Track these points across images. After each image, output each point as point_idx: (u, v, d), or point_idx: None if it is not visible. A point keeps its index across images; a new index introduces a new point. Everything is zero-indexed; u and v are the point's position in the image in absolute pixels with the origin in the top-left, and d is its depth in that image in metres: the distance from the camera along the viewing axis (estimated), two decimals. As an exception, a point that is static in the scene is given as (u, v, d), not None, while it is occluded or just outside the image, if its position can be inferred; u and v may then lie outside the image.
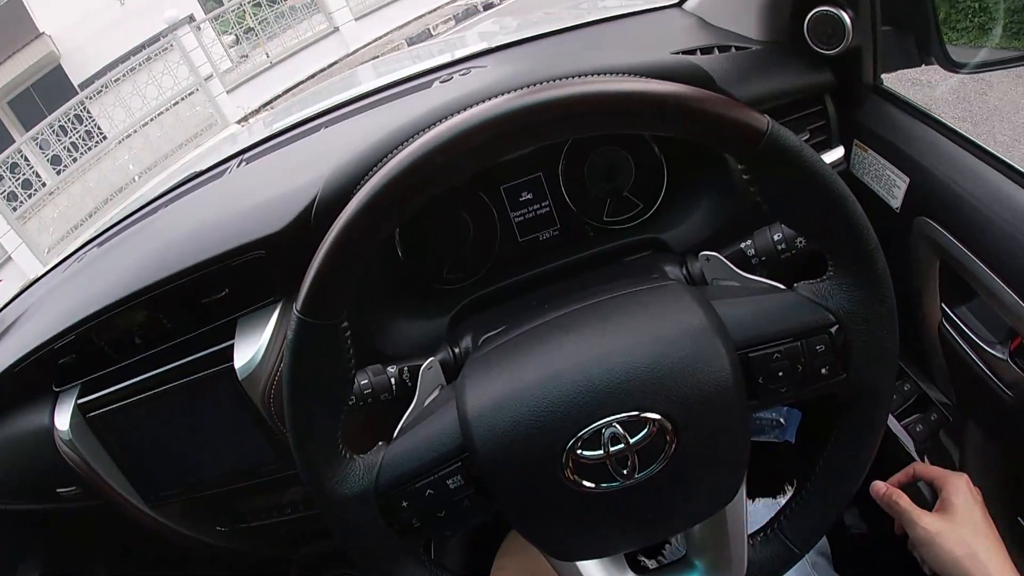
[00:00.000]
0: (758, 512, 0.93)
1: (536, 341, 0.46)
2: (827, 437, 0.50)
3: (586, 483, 0.41)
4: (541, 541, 0.47)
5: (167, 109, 8.89)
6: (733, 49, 0.77)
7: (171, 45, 8.80)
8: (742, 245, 0.65)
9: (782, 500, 0.80)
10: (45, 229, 8.67)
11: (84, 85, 9.71)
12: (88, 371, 0.81)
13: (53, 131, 8.78)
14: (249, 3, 9.58)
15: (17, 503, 0.96)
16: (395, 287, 0.76)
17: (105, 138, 8.95)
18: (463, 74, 0.84)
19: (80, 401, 0.79)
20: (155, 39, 9.39)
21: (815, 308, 0.45)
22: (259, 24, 9.68)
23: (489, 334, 0.62)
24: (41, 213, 8.80)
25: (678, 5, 0.93)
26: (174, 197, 1.03)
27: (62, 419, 0.79)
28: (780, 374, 0.44)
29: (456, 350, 0.67)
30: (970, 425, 0.79)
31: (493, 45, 0.97)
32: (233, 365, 0.70)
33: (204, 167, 1.07)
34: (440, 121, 0.44)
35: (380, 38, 9.94)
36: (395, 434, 0.50)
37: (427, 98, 0.81)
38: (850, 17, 0.68)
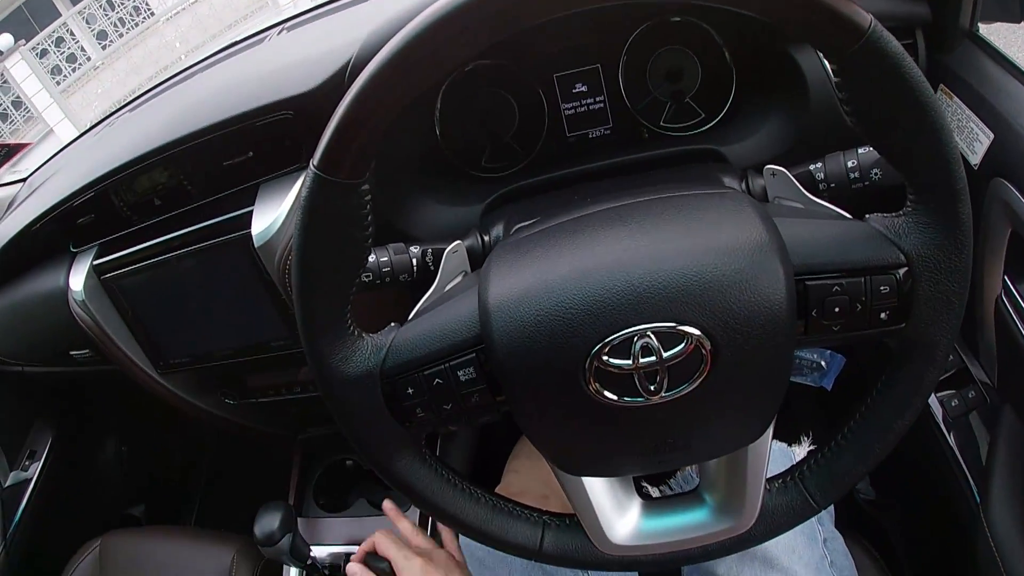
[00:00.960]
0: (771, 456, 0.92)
1: (573, 232, 0.41)
2: (862, 390, 0.46)
3: (607, 393, 0.38)
4: (548, 449, 0.44)
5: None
6: None
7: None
8: (812, 167, 0.59)
9: (796, 449, 0.78)
10: (88, 104, 8.73)
11: (135, -40, 9.49)
12: (107, 232, 0.80)
13: (100, 6, 8.71)
14: None
15: (34, 365, 0.99)
16: (430, 169, 0.72)
17: (153, 15, 8.87)
18: None
19: (96, 262, 0.79)
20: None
21: (886, 244, 0.40)
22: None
23: (523, 224, 0.58)
24: (85, 88, 8.84)
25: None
26: (211, 64, 1.00)
27: (77, 280, 0.80)
28: (836, 310, 0.40)
29: (486, 237, 0.64)
30: (1007, 411, 0.74)
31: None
32: (251, 232, 0.68)
33: (244, 36, 1.04)
34: None
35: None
36: (410, 317, 0.47)
37: None
38: None
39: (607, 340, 0.37)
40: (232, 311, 0.78)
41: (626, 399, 0.38)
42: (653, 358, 0.37)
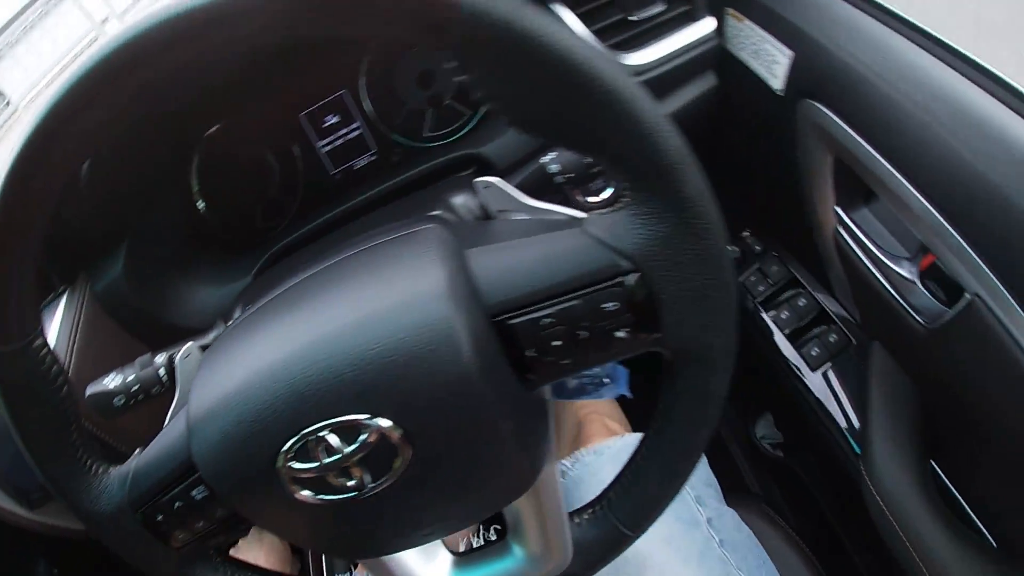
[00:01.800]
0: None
1: (254, 324, 0.36)
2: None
3: (304, 493, 0.33)
4: (302, 544, 0.41)
5: (68, 61, 8.30)
6: None
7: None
8: (543, 160, 0.52)
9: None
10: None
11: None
12: None
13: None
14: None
15: None
16: (196, 246, 0.65)
17: (8, 104, 8.38)
18: None
19: None
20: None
21: (600, 250, 0.32)
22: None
23: (251, 305, 0.54)
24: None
25: None
26: None
27: None
28: (556, 344, 0.33)
29: (229, 324, 0.57)
30: (876, 349, 0.68)
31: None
32: None
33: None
34: None
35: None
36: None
37: None
38: None
39: (285, 449, 0.32)
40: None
41: (322, 497, 0.34)
42: (338, 456, 0.32)
